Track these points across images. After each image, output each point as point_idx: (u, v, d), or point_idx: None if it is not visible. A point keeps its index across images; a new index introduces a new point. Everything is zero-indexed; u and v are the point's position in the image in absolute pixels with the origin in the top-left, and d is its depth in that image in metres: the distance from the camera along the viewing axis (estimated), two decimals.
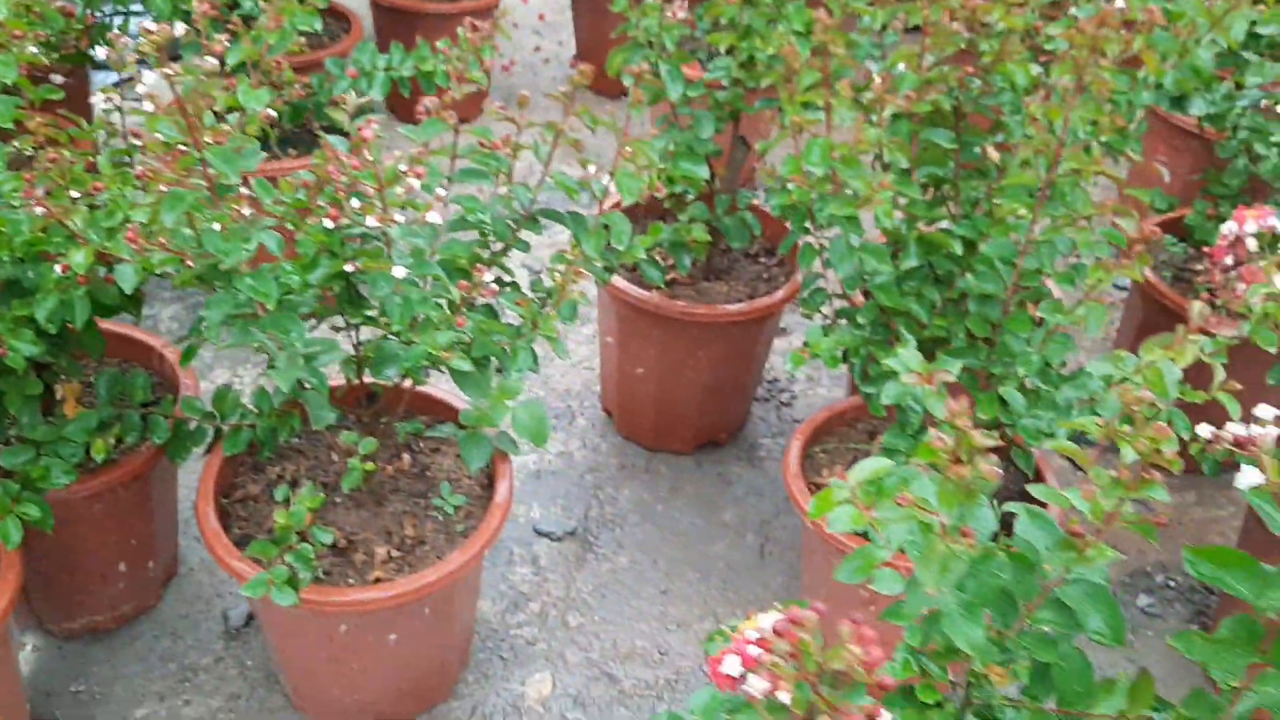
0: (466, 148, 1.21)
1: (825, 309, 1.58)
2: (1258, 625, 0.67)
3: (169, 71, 0.98)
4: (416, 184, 1.06)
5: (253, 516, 1.44)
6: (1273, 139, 1.80)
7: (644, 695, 1.65)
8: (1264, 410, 0.70)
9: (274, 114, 1.19)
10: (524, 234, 1.33)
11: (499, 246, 1.31)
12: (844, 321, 1.50)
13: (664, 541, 1.89)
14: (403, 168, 1.03)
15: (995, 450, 0.73)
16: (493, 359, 1.24)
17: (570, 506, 1.93)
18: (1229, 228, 1.54)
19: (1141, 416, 0.76)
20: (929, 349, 1.49)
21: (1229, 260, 1.57)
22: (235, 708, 1.59)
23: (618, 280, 1.82)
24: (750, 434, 2.11)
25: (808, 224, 1.46)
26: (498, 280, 1.31)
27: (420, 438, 1.55)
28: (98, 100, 1.37)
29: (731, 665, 0.59)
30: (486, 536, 1.39)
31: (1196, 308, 1.13)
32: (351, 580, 1.37)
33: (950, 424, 0.69)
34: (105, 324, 1.60)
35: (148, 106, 0.99)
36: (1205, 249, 1.63)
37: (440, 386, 1.53)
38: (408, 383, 1.39)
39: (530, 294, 1.30)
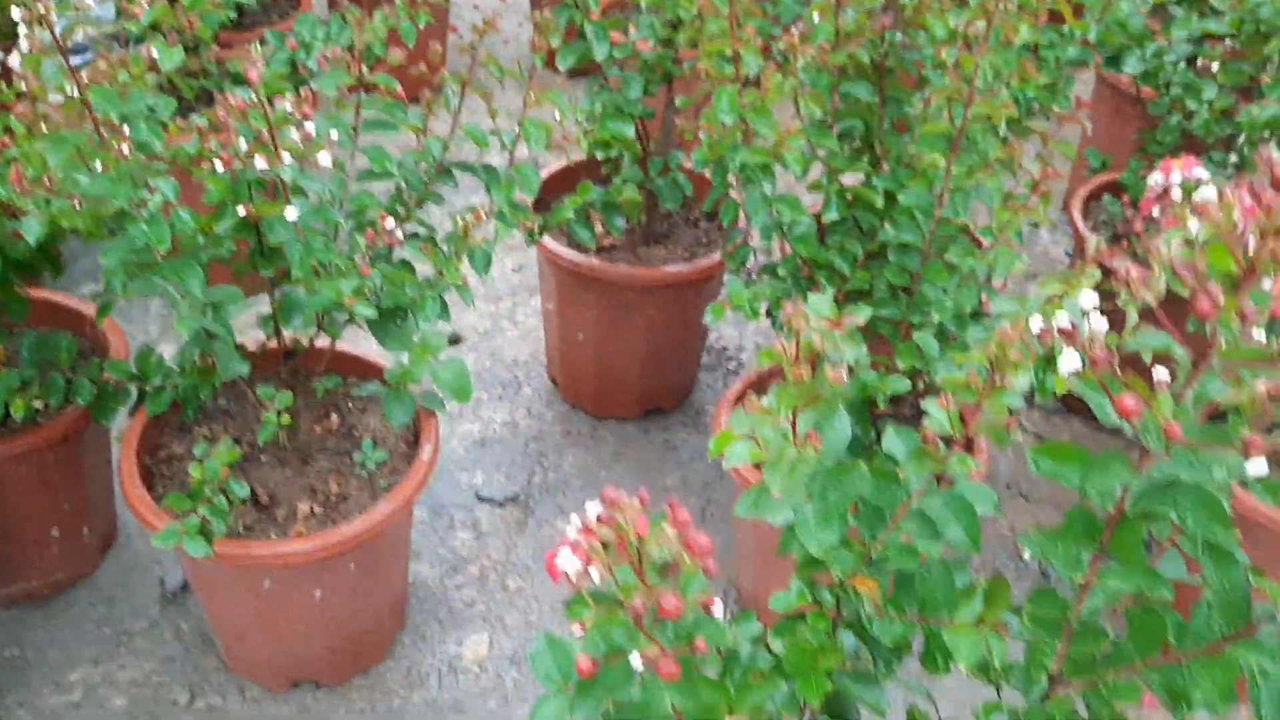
0: (370, 99, 1.21)
1: (751, 264, 1.59)
2: (1096, 517, 0.67)
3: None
4: (311, 128, 1.06)
5: (177, 476, 1.44)
6: (1204, 95, 1.81)
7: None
8: (1086, 298, 0.71)
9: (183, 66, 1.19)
10: (441, 188, 1.33)
11: (415, 200, 1.32)
12: (767, 276, 1.50)
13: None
14: (288, 107, 1.03)
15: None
16: (409, 311, 1.24)
17: (513, 473, 1.94)
18: (1155, 179, 1.55)
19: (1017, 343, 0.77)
20: (852, 301, 1.50)
21: (1156, 212, 1.58)
22: (170, 670, 1.59)
23: (553, 244, 1.82)
24: (697, 401, 2.11)
25: (731, 179, 1.46)
26: (414, 235, 1.31)
27: (349, 398, 1.55)
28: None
29: (565, 560, 0.59)
30: (409, 491, 1.40)
31: (1093, 241, 1.13)
32: (273, 535, 1.37)
33: (789, 327, 0.70)
34: (37, 292, 1.60)
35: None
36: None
37: (368, 347, 1.53)
38: (330, 341, 1.40)
39: (445, 248, 1.31)
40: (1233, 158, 1.83)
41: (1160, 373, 0.65)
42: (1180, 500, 0.64)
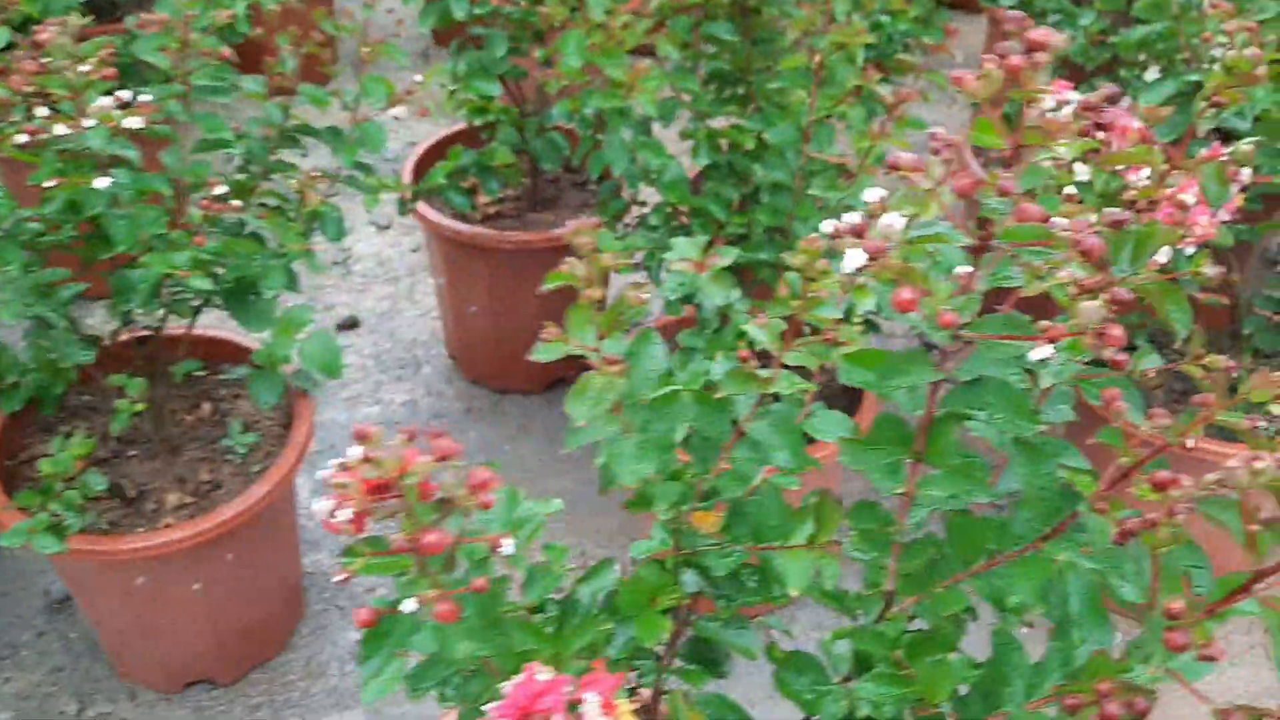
0: (200, 64, 1.15)
1: (630, 217, 1.55)
2: (906, 423, 0.65)
3: None
4: (127, 95, 1.01)
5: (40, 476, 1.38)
6: (1080, 21, 1.80)
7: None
8: (871, 192, 0.68)
9: None
10: (287, 155, 1.28)
11: (262, 170, 1.26)
12: (642, 228, 1.46)
13: (508, 480, 1.84)
14: (85, 67, 0.97)
15: None
16: (256, 285, 1.18)
17: None
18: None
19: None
20: (731, 247, 1.46)
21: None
22: (58, 680, 1.53)
23: (435, 215, 1.77)
24: None
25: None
26: (262, 204, 1.26)
27: (222, 384, 1.49)
28: None
29: (319, 506, 0.55)
30: (282, 473, 1.35)
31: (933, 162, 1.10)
32: (140, 529, 1.32)
33: (580, 248, 0.66)
34: None
35: None
36: None
37: (237, 331, 1.48)
38: (187, 324, 1.34)
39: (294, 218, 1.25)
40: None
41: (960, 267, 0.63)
42: (986, 397, 0.61)
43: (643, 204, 1.53)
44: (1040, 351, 0.54)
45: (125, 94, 1.02)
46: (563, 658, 0.69)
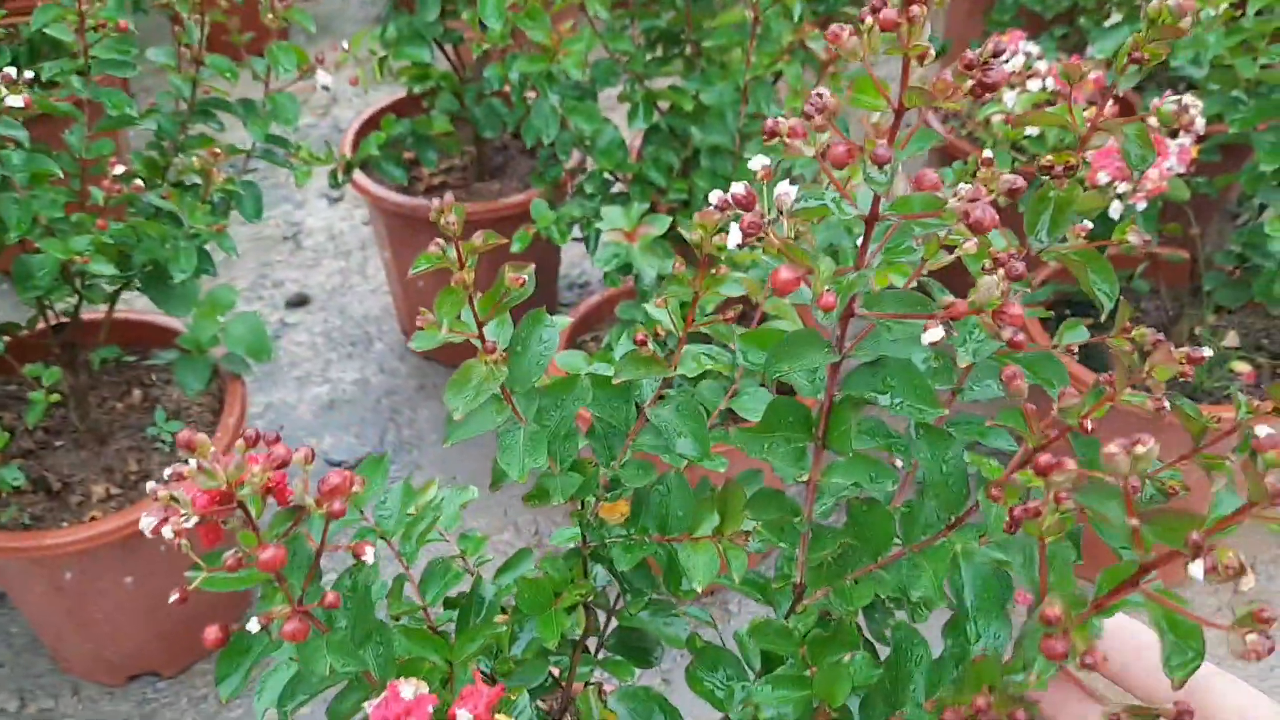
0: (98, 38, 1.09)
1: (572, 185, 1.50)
2: (806, 409, 0.60)
3: None
4: (16, 73, 0.95)
5: None
6: None
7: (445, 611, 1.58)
8: (756, 161, 0.63)
9: None
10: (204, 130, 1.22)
11: (173, 146, 1.20)
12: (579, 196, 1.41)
13: (463, 457, 1.81)
14: None
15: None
16: (166, 267, 1.13)
17: (365, 433, 1.84)
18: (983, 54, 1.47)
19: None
20: (672, 214, 1.42)
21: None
22: None
23: (376, 187, 1.71)
24: None
25: (530, 95, 1.37)
26: (178, 184, 1.20)
27: (151, 370, 1.44)
28: None
29: (145, 522, 0.50)
30: None
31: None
32: (65, 523, 1.27)
33: (445, 229, 0.61)
34: None
35: None
36: None
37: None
38: (107, 310, 1.29)
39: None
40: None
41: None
42: (888, 379, 0.57)
43: (584, 171, 1.48)
44: (930, 334, 0.50)
45: (11, 71, 0.96)
46: (456, 664, 0.65)
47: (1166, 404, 0.49)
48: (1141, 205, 1.22)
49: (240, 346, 1.27)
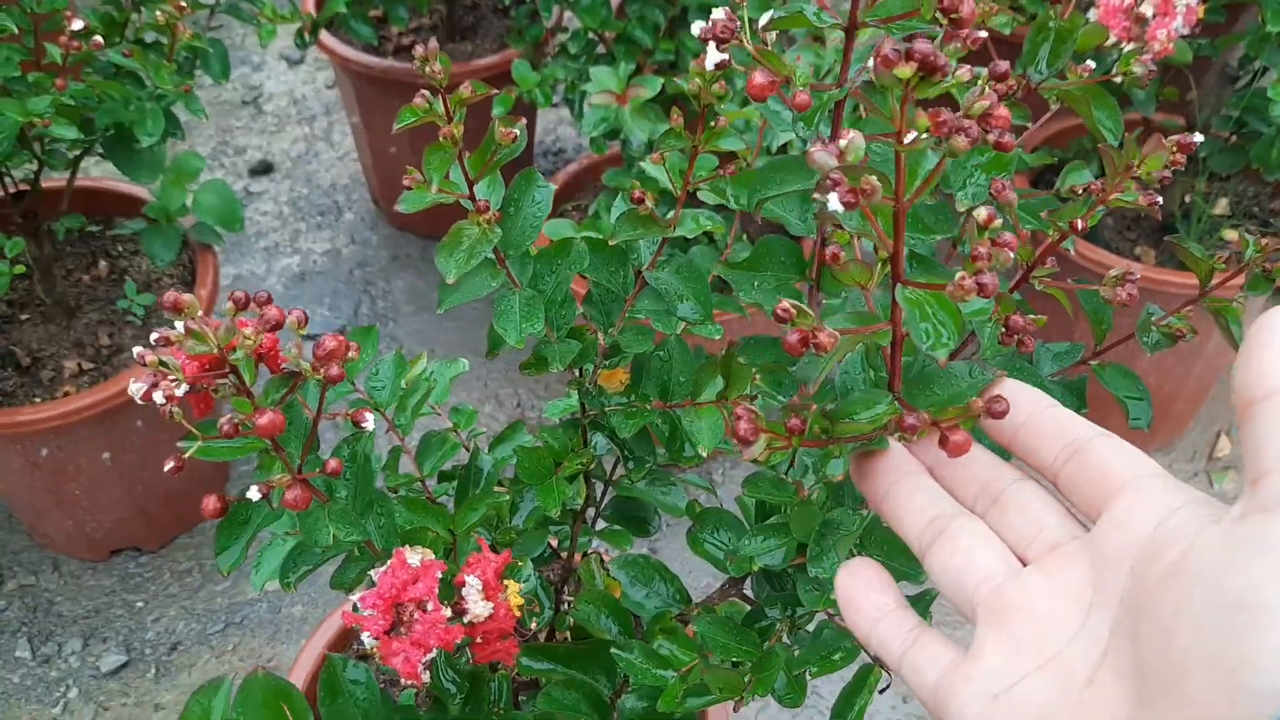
0: None
1: (551, 46, 1.44)
2: (791, 242, 0.58)
3: None
4: None
5: None
6: None
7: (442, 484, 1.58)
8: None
9: None
10: None
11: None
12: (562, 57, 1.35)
13: (440, 329, 1.78)
14: None
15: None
16: (132, 130, 1.07)
17: (338, 305, 1.81)
18: None
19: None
20: (659, 74, 1.36)
21: None
22: None
23: (343, 47, 1.64)
24: None
25: None
26: (139, 40, 1.14)
27: (117, 240, 1.39)
28: None
29: (135, 389, 0.48)
30: None
31: None
32: (38, 399, 1.24)
33: (432, 77, 0.57)
34: None
35: None
36: None
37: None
38: (68, 177, 1.23)
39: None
40: None
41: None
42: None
43: (564, 30, 1.41)
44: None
45: None
46: (458, 534, 0.64)
47: (1159, 199, 0.47)
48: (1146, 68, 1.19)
49: (211, 216, 1.23)
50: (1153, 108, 1.33)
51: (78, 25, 0.98)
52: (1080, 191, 0.75)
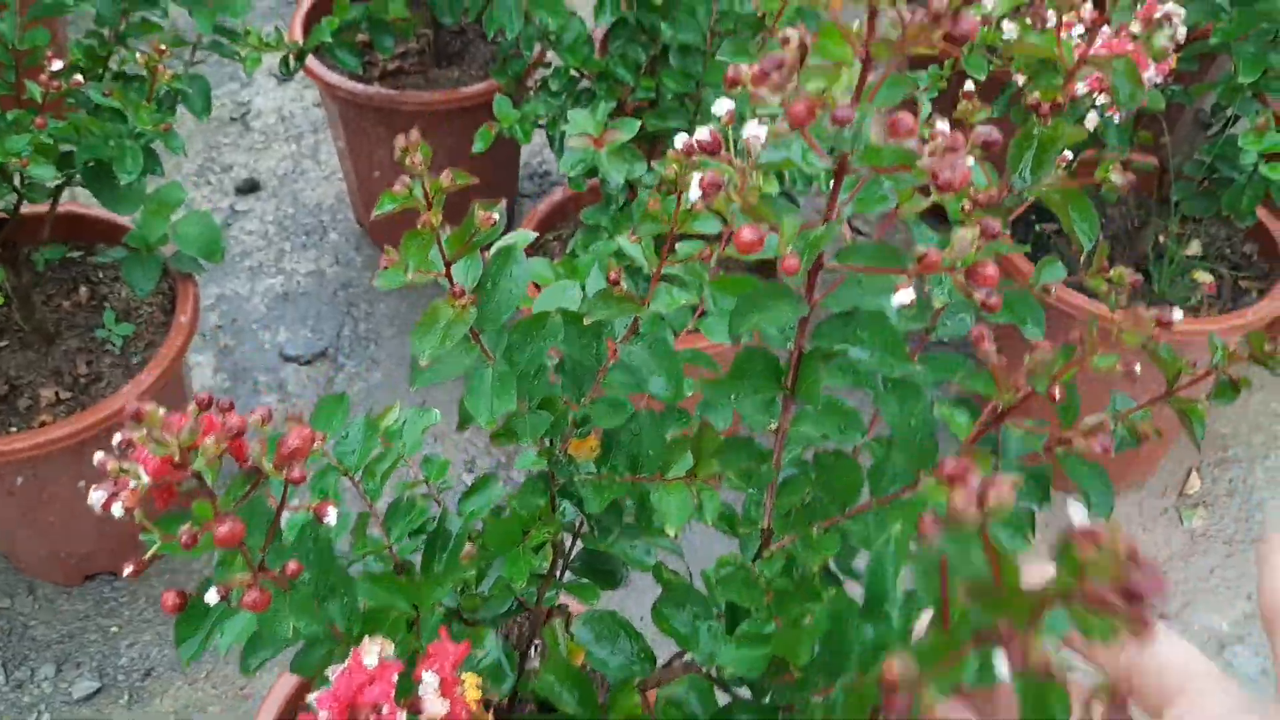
0: None
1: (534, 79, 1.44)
2: (774, 357, 0.59)
3: None
4: None
5: None
6: None
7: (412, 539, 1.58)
8: (720, 104, 0.60)
9: None
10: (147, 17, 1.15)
11: (114, 36, 1.14)
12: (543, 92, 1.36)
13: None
14: None
15: None
16: (113, 167, 1.08)
17: (320, 327, 1.81)
18: None
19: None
20: (639, 113, 1.37)
21: None
22: None
23: (327, 72, 1.64)
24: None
25: None
26: (120, 75, 1.14)
27: (99, 267, 1.39)
28: None
29: (94, 497, 0.48)
30: (164, 365, 1.27)
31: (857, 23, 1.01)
32: (14, 428, 1.24)
33: (411, 169, 0.58)
34: None
35: None
36: None
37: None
38: (49, 205, 1.23)
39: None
40: None
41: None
42: (859, 331, 0.55)
43: (547, 65, 1.42)
44: (901, 295, 0.48)
45: None
46: (422, 609, 0.65)
47: (1138, 368, 0.48)
48: (1118, 117, 1.20)
49: (192, 247, 1.23)
50: (1126, 151, 1.34)
51: (57, 66, 0.98)
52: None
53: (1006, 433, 0.70)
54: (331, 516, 0.53)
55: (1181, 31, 1.25)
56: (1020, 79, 1.36)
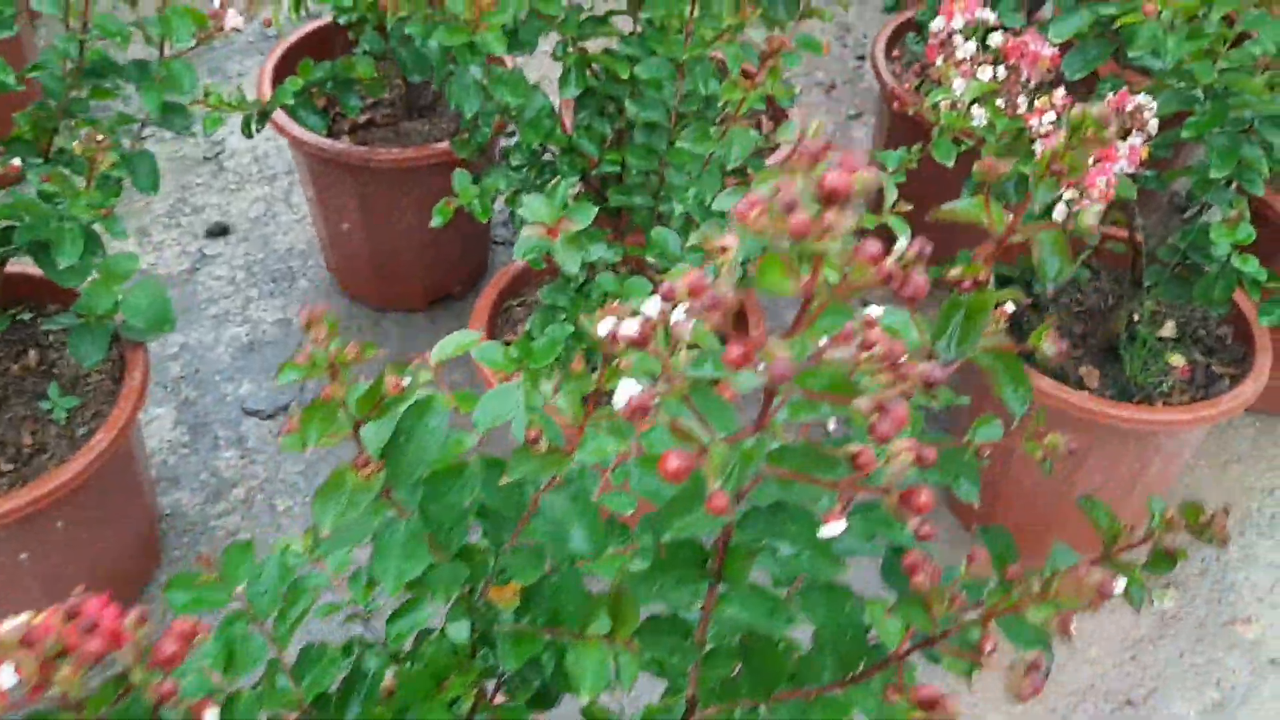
0: None
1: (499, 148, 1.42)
2: (702, 546, 0.56)
3: None
4: None
5: None
6: None
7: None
8: (651, 305, 0.57)
9: None
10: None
11: (60, 111, 1.11)
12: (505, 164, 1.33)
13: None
14: None
15: None
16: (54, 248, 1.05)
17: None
18: (937, 24, 1.40)
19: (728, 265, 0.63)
20: (603, 187, 1.35)
21: (940, 61, 1.43)
22: None
23: (293, 127, 1.61)
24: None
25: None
26: (62, 150, 1.11)
27: (48, 331, 1.37)
28: None
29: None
30: (110, 436, 1.24)
31: (812, 126, 0.99)
32: None
33: (314, 339, 0.55)
34: None
35: None
36: None
37: None
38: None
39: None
40: None
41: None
42: (787, 526, 0.53)
43: (510, 134, 1.39)
44: (830, 529, 0.45)
45: None
46: None
47: (1071, 629, 0.46)
48: (1082, 206, 1.18)
49: (140, 318, 1.20)
50: (1096, 236, 1.32)
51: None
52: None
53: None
54: (212, 715, 0.50)
55: (1154, 125, 1.24)
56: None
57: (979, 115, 1.23)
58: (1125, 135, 1.22)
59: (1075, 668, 1.50)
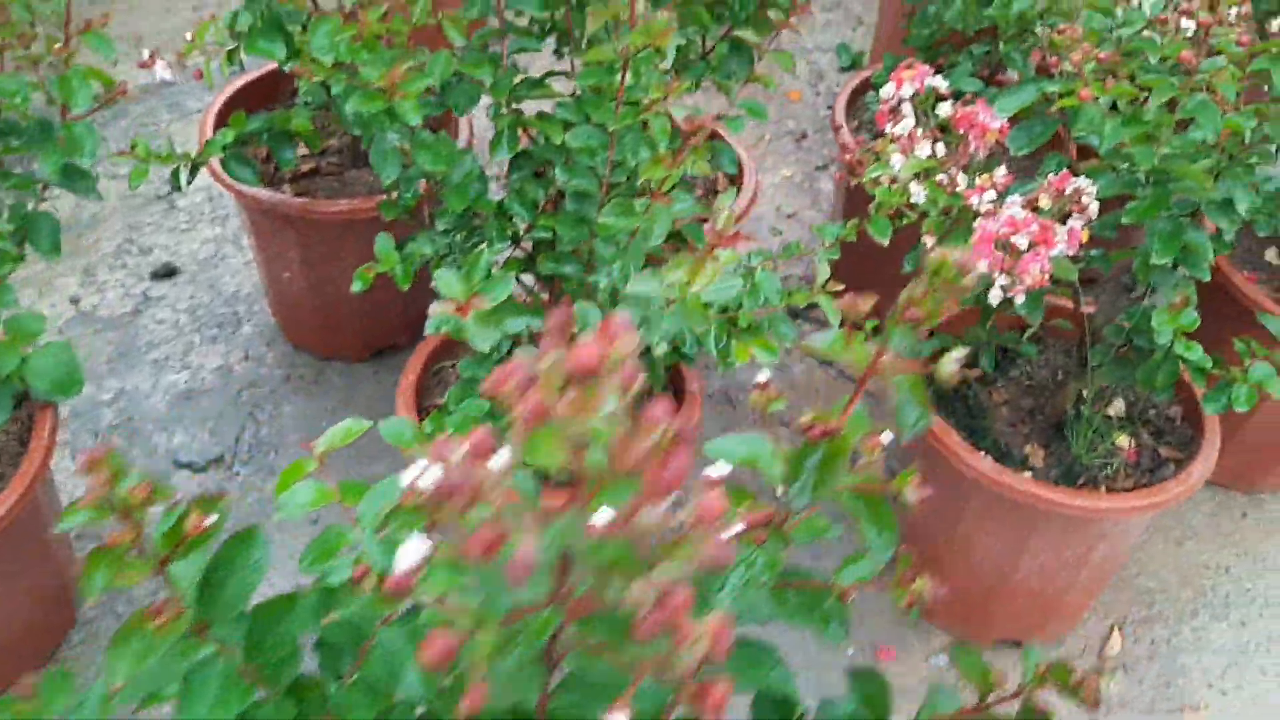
0: None
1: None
2: (524, 711, 0.52)
3: None
4: None
5: None
6: None
7: None
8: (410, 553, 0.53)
9: None
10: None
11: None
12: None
13: (328, 465, 1.71)
14: None
15: None
16: None
17: (220, 430, 1.74)
18: (887, 91, 1.36)
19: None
20: (536, 252, 1.31)
21: (890, 129, 1.39)
22: None
23: (227, 176, 1.58)
24: None
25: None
26: None
27: None
28: None
29: None
30: (8, 504, 1.20)
31: (721, 217, 0.95)
32: None
33: (97, 479, 0.51)
34: None
35: None
36: None
37: None
38: None
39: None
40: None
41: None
42: (604, 699, 0.49)
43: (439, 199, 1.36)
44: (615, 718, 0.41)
45: None
46: None
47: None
48: (1020, 299, 1.14)
49: (44, 382, 1.16)
50: (1040, 315, 1.28)
51: None
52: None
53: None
54: None
55: (1094, 208, 1.20)
56: (929, 240, 1.30)
57: (917, 191, 1.20)
58: (1065, 218, 1.19)
59: None
